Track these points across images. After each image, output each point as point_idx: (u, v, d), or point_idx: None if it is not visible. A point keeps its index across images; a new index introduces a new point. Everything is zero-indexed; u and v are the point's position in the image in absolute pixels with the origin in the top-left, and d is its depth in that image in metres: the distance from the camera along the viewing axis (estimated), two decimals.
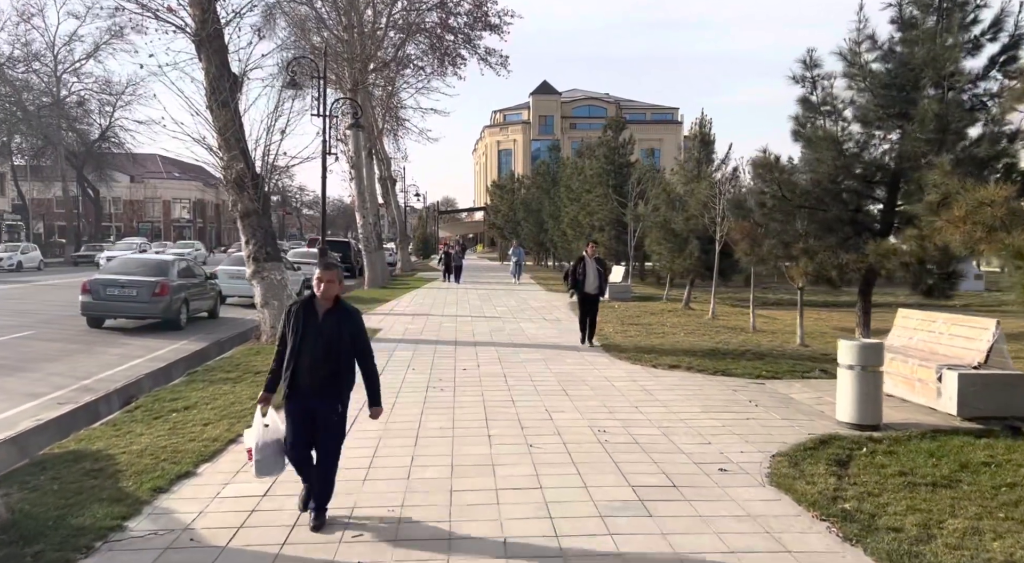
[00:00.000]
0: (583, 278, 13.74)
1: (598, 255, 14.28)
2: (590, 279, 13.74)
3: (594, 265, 13.85)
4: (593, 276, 13.76)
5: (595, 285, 13.79)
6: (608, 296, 13.79)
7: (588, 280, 13.73)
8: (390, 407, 8.84)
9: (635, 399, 9.39)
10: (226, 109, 14.78)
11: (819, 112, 11.78)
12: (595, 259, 13.96)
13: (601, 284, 13.94)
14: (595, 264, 13.86)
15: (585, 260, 13.94)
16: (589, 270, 13.76)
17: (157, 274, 16.65)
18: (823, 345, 14.21)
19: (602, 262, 14.27)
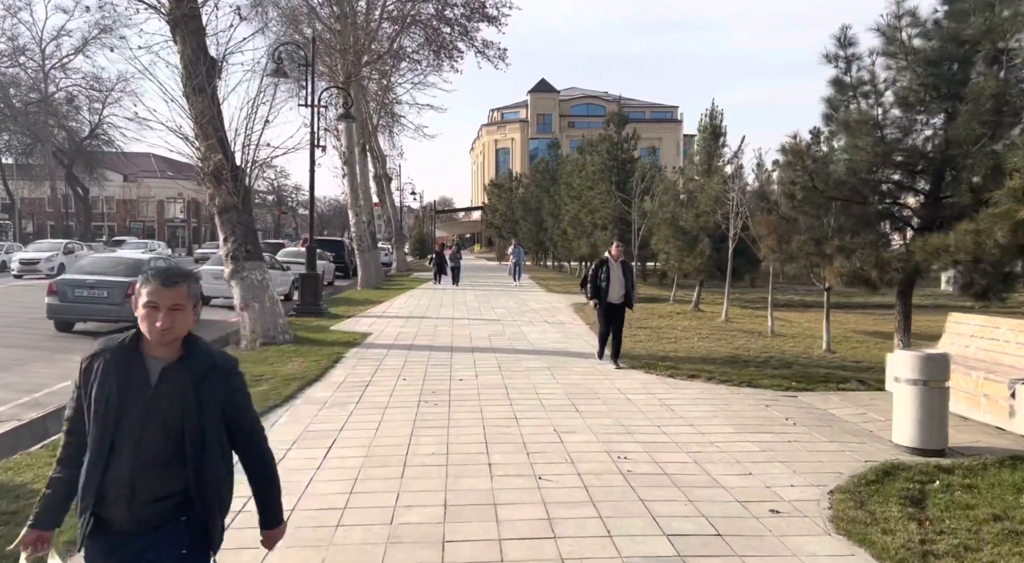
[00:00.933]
0: (606, 285, 11.56)
1: (624, 259, 11.92)
2: (615, 286, 11.58)
3: (619, 270, 11.63)
4: (618, 283, 11.59)
5: (620, 293, 11.60)
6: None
7: (612, 287, 11.58)
8: (375, 427, 7.69)
9: (655, 416, 8.23)
10: (203, 95, 13.64)
11: (854, 94, 10.64)
12: (621, 263, 11.72)
13: (628, 292, 11.69)
14: (620, 268, 11.64)
15: (609, 264, 11.66)
16: (614, 275, 11.56)
17: (130, 274, 15.43)
18: (851, 351, 13.08)
19: (628, 266, 11.94)
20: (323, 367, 11.28)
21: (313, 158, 18.66)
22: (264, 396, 9.10)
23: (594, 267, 11.90)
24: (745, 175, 18.68)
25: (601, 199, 28.50)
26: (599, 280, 11.59)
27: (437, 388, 9.71)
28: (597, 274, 11.68)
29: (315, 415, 8.30)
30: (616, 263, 11.69)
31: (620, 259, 11.77)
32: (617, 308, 11.69)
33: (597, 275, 11.67)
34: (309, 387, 9.88)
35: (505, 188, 61.63)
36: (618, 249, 11.89)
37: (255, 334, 13.65)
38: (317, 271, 20.26)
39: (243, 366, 9.24)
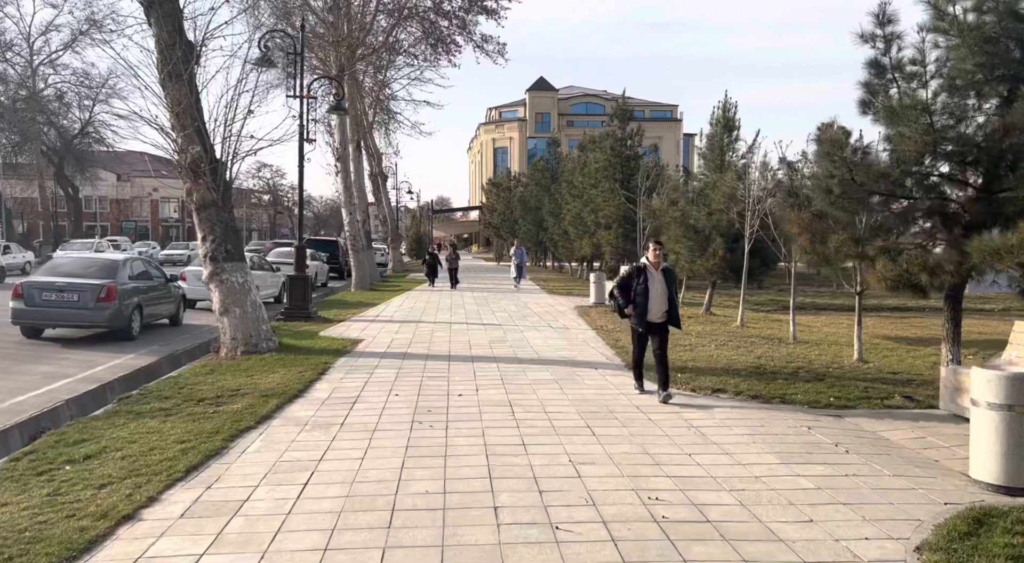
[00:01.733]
0: (644, 299, 8.96)
1: (666, 264, 9.36)
2: (655, 300, 8.96)
3: (661, 279, 9.03)
4: (660, 296, 8.97)
5: (663, 309, 9.02)
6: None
7: (653, 302, 8.96)
8: (361, 457, 6.61)
9: (684, 441, 7.16)
10: (179, 82, 12.56)
11: (893, 78, 9.58)
12: (662, 271, 9.12)
13: (672, 308, 9.11)
14: (662, 278, 9.05)
15: (647, 271, 9.06)
16: (654, 287, 8.97)
17: (103, 276, 14.35)
18: (883, 360, 12.02)
19: (672, 275, 9.31)
20: (307, 380, 10.20)
21: (302, 152, 17.59)
22: (237, 416, 8.02)
23: (625, 275, 9.31)
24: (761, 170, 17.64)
25: (604, 197, 27.44)
26: (634, 292, 9.05)
27: (433, 406, 8.63)
28: (630, 285, 9.12)
29: (292, 440, 7.22)
30: (656, 271, 9.07)
31: (661, 266, 9.16)
32: (658, 328, 9.13)
33: (630, 286, 9.12)
34: (290, 404, 8.80)
35: (503, 187, 60.52)
36: (657, 253, 9.18)
37: (236, 342, 12.56)
38: (307, 272, 19.17)
39: (219, 378, 8.17)
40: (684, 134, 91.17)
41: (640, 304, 9.01)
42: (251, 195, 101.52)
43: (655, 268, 9.11)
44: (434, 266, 31.12)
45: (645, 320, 9.07)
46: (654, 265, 9.13)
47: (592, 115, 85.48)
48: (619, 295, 9.25)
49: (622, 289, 9.22)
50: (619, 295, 9.25)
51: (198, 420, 7.92)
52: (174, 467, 6.24)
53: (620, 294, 9.23)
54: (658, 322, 9.13)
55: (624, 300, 9.15)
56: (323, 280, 31.76)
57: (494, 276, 38.73)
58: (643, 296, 8.99)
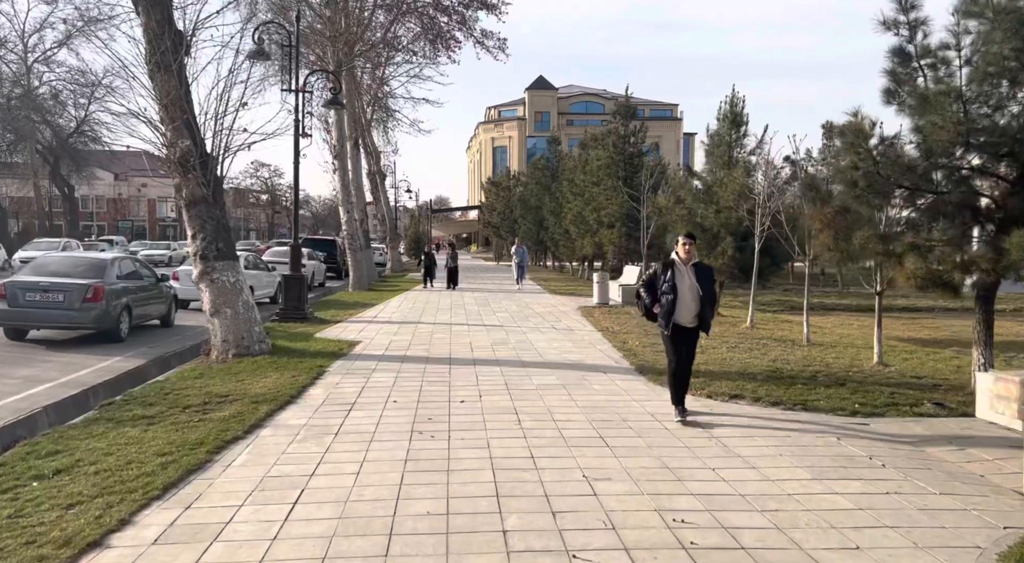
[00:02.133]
0: (673, 299, 7.79)
1: (697, 259, 8.18)
2: (686, 301, 7.80)
3: (692, 277, 7.86)
4: (692, 296, 7.81)
5: (695, 311, 7.85)
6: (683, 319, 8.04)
7: (682, 303, 7.79)
8: (356, 470, 6.07)
9: (705, 454, 6.63)
10: (168, 73, 12.02)
11: (919, 67, 9.06)
12: (693, 266, 7.96)
13: (704, 309, 7.88)
14: (694, 275, 7.89)
15: (676, 267, 7.91)
16: (684, 286, 7.81)
17: (90, 276, 13.80)
18: (904, 364, 11.48)
19: (706, 271, 8.15)
20: (301, 384, 9.66)
21: (297, 148, 17.02)
22: (224, 425, 7.48)
23: (652, 273, 8.21)
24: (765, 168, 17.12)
25: (607, 195, 26.91)
26: (661, 292, 7.89)
27: (434, 414, 8.09)
28: (656, 282, 8.00)
29: (282, 452, 6.68)
30: (687, 267, 7.90)
31: (692, 261, 7.99)
32: (688, 334, 7.98)
33: (656, 285, 7.99)
34: (281, 411, 8.27)
35: (503, 187, 60.00)
36: (688, 248, 7.95)
37: (227, 344, 12.02)
38: (302, 272, 18.63)
39: (207, 382, 7.61)
40: (684, 133, 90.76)
41: (666, 304, 7.82)
42: (249, 195, 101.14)
43: (686, 262, 7.91)
44: (431, 266, 30.14)
45: (672, 321, 7.85)
46: (683, 260, 7.93)
47: (592, 114, 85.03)
48: (645, 293, 8.11)
49: (648, 287, 8.11)
50: (645, 293, 8.11)
51: (182, 429, 7.39)
52: (151, 484, 5.70)
53: (646, 292, 8.10)
54: (688, 326, 7.90)
55: (651, 298, 8.02)
56: (320, 280, 31.24)
57: (494, 276, 38.20)
58: (671, 294, 7.79)
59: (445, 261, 30.09)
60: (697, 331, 8.02)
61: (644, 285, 8.19)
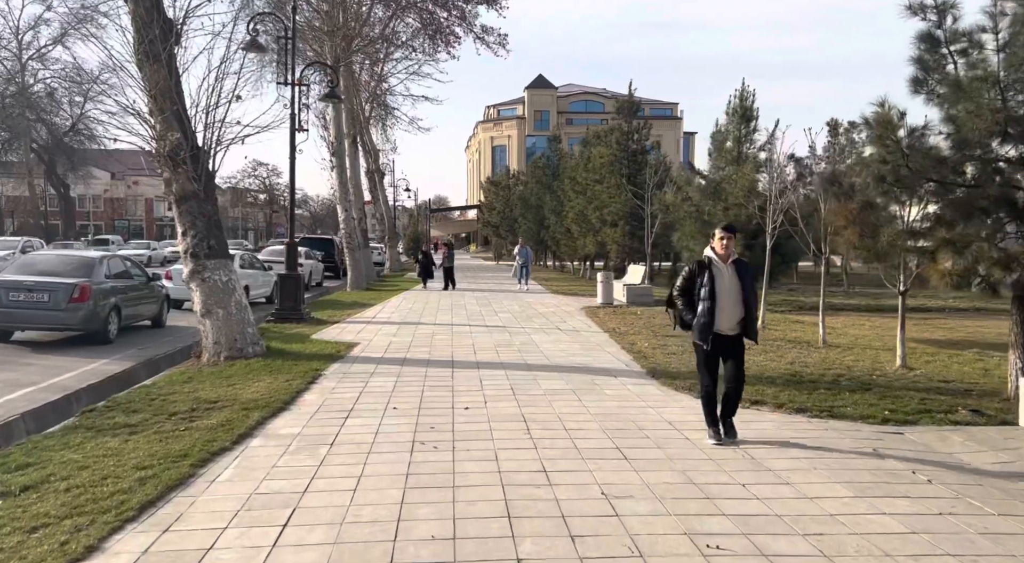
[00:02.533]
0: (710, 303, 6.69)
1: (737, 256, 6.98)
2: (726, 305, 6.70)
3: (732, 276, 6.75)
4: (732, 299, 6.71)
5: (737, 317, 6.77)
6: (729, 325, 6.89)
7: (722, 308, 6.69)
8: (353, 487, 5.54)
9: (733, 467, 6.10)
10: (157, 63, 11.49)
11: (949, 53, 8.55)
12: (733, 264, 6.81)
13: (749, 314, 6.83)
14: (734, 274, 6.77)
15: (713, 267, 6.77)
16: (723, 288, 6.70)
17: (77, 275, 13.28)
18: (927, 366, 10.96)
19: (746, 269, 6.93)
20: (295, 389, 9.13)
21: (293, 143, 16.50)
22: (211, 434, 6.95)
23: (686, 276, 6.95)
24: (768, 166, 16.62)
25: (610, 193, 26.39)
26: (697, 294, 6.79)
27: (437, 422, 7.56)
28: (691, 284, 6.87)
29: (273, 465, 6.15)
30: (726, 265, 6.75)
31: (731, 259, 6.83)
32: (731, 344, 6.84)
33: (691, 286, 6.87)
34: (273, 419, 7.74)
35: (503, 186, 59.45)
36: (726, 242, 6.77)
37: (218, 346, 11.49)
38: (299, 271, 18.09)
39: (196, 387, 7.02)
40: (684, 132, 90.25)
41: (704, 312, 6.65)
42: (247, 194, 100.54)
43: (724, 261, 6.75)
44: (428, 266, 29.18)
45: (712, 332, 6.68)
46: (721, 257, 6.75)
47: (592, 113, 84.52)
48: (681, 303, 6.91)
49: (684, 294, 6.88)
50: (681, 303, 6.91)
51: (166, 439, 6.86)
52: (127, 503, 5.17)
53: (683, 301, 6.89)
54: (730, 335, 6.78)
55: (689, 308, 6.83)
56: (318, 279, 30.72)
57: (495, 275, 37.68)
58: (709, 300, 6.62)
59: (441, 261, 29.41)
60: (741, 339, 6.87)
61: (680, 291, 6.96)
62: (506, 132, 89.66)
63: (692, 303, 6.85)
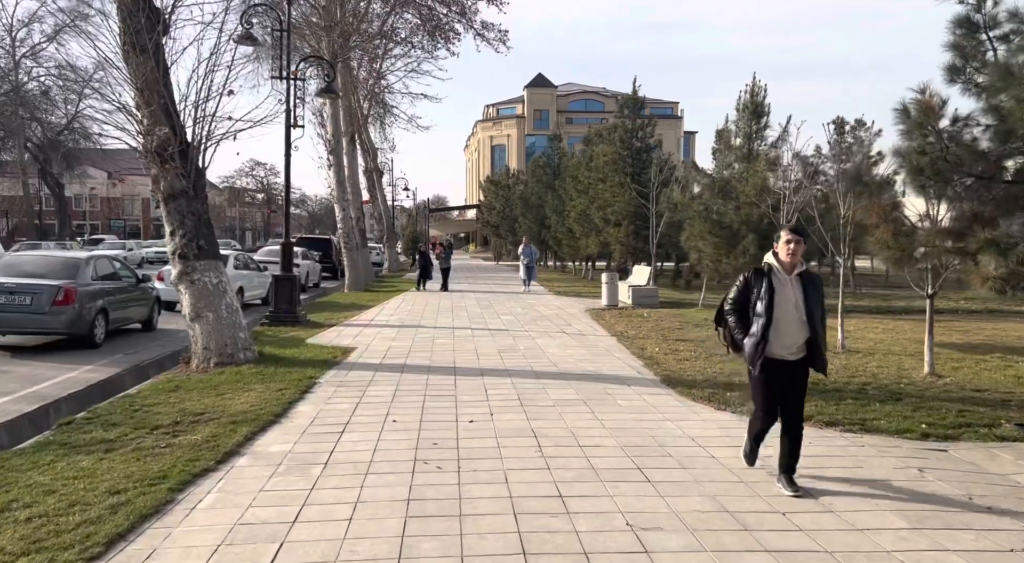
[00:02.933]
0: (766, 321, 5.43)
1: (804, 267, 5.61)
2: (788, 324, 5.44)
3: (797, 290, 5.46)
4: (797, 316, 5.43)
5: (800, 338, 5.48)
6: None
7: (782, 326, 5.44)
8: (348, 516, 4.96)
9: (768, 492, 5.53)
10: (144, 54, 10.91)
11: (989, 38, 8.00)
12: (799, 276, 5.52)
13: (815, 336, 5.47)
14: (799, 288, 5.47)
15: (773, 277, 5.51)
16: (785, 302, 5.45)
17: (62, 276, 12.70)
18: (956, 373, 10.38)
19: (814, 282, 5.58)
20: (288, 399, 8.56)
21: (288, 139, 15.90)
22: (194, 452, 6.38)
23: (741, 286, 5.64)
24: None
25: (614, 192, 25.80)
26: (752, 310, 5.52)
27: (440, 437, 6.98)
28: (747, 298, 5.58)
29: (261, 488, 5.57)
30: (790, 276, 5.46)
31: (798, 270, 5.50)
32: (791, 371, 5.53)
33: (747, 301, 5.58)
34: (263, 433, 7.16)
35: (502, 185, 58.83)
36: (793, 248, 5.42)
37: (208, 352, 10.91)
38: (295, 272, 17.52)
39: (183, 397, 6.06)
40: (684, 132, 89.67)
41: (759, 331, 5.40)
42: (245, 194, 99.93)
43: (787, 271, 5.46)
44: (426, 267, 27.97)
45: (763, 355, 5.43)
46: (785, 267, 5.47)
47: (592, 112, 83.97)
48: (734, 320, 5.64)
49: (737, 310, 5.63)
50: (734, 320, 5.64)
51: (145, 458, 6.28)
52: (93, 536, 4.60)
53: (735, 318, 5.63)
54: (790, 360, 5.47)
55: (742, 327, 5.57)
56: (315, 280, 30.14)
57: (495, 276, 37.11)
58: (764, 316, 5.38)
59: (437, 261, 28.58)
60: (805, 368, 5.54)
61: (733, 304, 5.67)
62: (505, 131, 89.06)
63: (747, 320, 5.55)
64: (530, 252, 26.80)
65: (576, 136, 54.55)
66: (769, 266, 5.57)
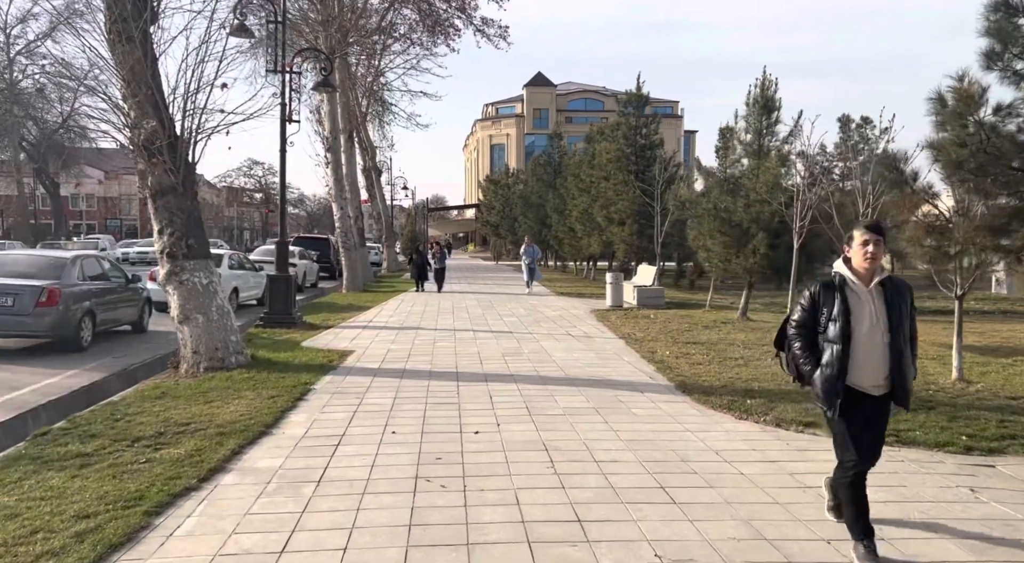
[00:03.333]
0: (843, 344, 4.23)
1: (885, 274, 4.35)
2: (870, 347, 4.24)
3: (879, 304, 4.24)
4: (880, 336, 4.23)
5: (885, 366, 4.25)
6: None
7: (863, 351, 4.24)
8: (342, 545, 4.43)
9: (806, 514, 5.00)
10: (131, 44, 10.37)
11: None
12: (880, 284, 4.28)
13: (900, 358, 4.25)
14: (880, 301, 4.25)
15: (848, 289, 4.29)
16: (865, 319, 4.24)
17: (46, 277, 12.16)
18: (985, 378, 9.85)
19: (903, 293, 4.31)
20: (280, 408, 8.02)
21: (284, 133, 15.35)
22: (175, 469, 5.85)
23: (806, 304, 4.45)
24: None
25: (617, 190, 25.26)
26: (826, 332, 4.33)
27: (443, 450, 6.45)
28: (815, 318, 4.40)
29: (246, 511, 5.04)
30: (868, 288, 4.28)
31: (878, 277, 4.31)
32: (872, 407, 4.35)
33: (814, 321, 4.41)
34: (251, 447, 6.62)
35: (502, 184, 58.30)
36: (871, 252, 4.23)
37: (198, 356, 10.38)
38: (292, 272, 16.98)
39: (169, 405, 5.36)
40: (685, 131, 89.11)
41: (831, 359, 4.25)
42: (243, 194, 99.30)
43: (865, 282, 4.28)
44: (423, 267, 26.96)
45: (840, 392, 4.26)
46: (862, 276, 4.29)
47: (591, 111, 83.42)
48: (799, 348, 4.43)
49: (804, 334, 4.42)
50: (799, 348, 4.43)
51: (122, 475, 5.74)
52: None
53: (801, 344, 4.42)
54: (874, 395, 4.30)
55: (810, 356, 4.37)
56: (313, 280, 29.61)
57: (495, 276, 36.59)
58: (840, 342, 4.22)
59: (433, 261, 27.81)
60: (888, 401, 4.36)
61: (798, 325, 4.45)
62: (504, 130, 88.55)
63: (815, 347, 4.36)
64: (532, 252, 26.18)
65: (575, 136, 53.96)
66: (841, 278, 4.32)
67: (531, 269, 25.66)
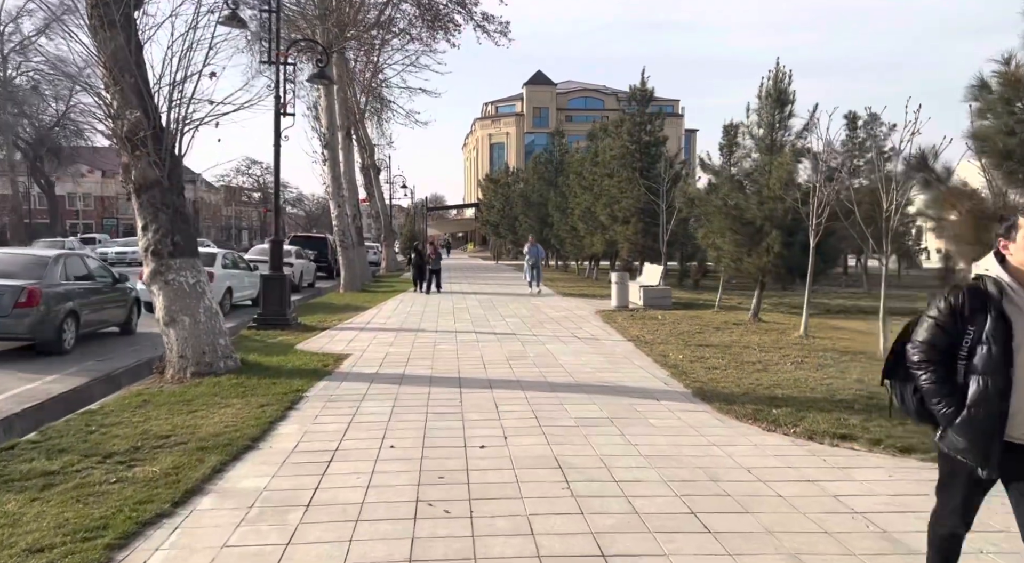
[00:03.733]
0: (1000, 376, 2.98)
1: None
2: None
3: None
4: None
5: None
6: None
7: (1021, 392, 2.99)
8: None
9: (857, 544, 4.40)
10: (113, 30, 9.76)
11: None
12: None
13: None
14: None
15: (1007, 300, 3.00)
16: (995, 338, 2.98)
17: (26, 276, 11.55)
18: None
19: None
20: (269, 418, 7.42)
21: (279, 127, 14.75)
22: (148, 490, 5.25)
23: (943, 317, 3.12)
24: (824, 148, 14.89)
25: (621, 188, 24.65)
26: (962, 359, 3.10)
27: (446, 468, 5.84)
28: (953, 339, 3.10)
29: (224, 543, 4.43)
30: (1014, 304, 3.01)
31: None
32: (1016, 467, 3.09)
33: (950, 345, 3.11)
34: (235, 463, 6.01)
35: (502, 183, 57.63)
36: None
37: (184, 360, 9.77)
38: (286, 271, 16.38)
39: (149, 414, 4.81)
40: (685, 130, 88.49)
41: (980, 397, 3.02)
42: (241, 193, 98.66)
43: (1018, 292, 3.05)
44: (422, 266, 25.95)
45: (994, 442, 3.05)
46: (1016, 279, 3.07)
47: (591, 110, 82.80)
48: (930, 380, 3.16)
49: (936, 361, 3.16)
50: (930, 380, 3.16)
51: (87, 498, 5.13)
52: None
53: (933, 375, 3.15)
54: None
55: (948, 393, 3.12)
56: (310, 280, 29.03)
57: (496, 276, 35.97)
58: (1000, 373, 3.00)
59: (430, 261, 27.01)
60: None
61: (926, 348, 3.17)
62: (504, 129, 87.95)
63: (953, 374, 3.14)
64: (536, 251, 25.49)
65: (575, 134, 53.30)
66: (997, 284, 3.08)
67: (535, 268, 24.86)
